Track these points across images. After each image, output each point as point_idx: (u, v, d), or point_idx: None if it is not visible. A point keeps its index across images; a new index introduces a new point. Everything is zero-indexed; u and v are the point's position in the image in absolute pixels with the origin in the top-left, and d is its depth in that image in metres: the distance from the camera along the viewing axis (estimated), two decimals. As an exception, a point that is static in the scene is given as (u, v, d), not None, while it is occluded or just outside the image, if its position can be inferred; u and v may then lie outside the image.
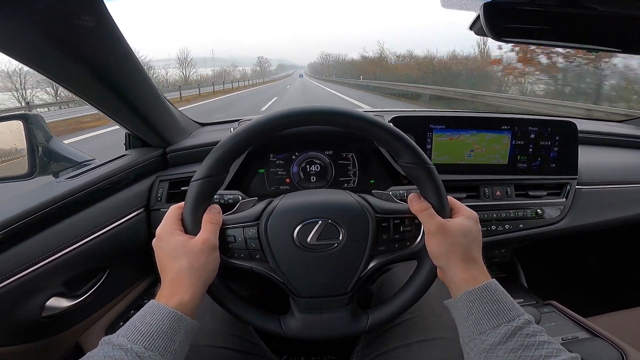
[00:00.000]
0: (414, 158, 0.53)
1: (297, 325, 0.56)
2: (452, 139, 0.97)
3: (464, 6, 0.57)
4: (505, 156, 0.98)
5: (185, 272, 0.49)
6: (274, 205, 0.57)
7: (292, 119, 0.53)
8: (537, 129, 0.97)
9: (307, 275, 0.55)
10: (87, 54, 0.66)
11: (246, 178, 0.99)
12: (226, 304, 0.56)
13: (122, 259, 0.87)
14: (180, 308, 0.46)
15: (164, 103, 0.97)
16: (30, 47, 0.59)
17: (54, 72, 0.67)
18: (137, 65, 0.78)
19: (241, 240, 0.55)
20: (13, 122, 0.86)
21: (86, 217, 0.77)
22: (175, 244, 0.50)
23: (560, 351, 0.41)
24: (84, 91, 0.76)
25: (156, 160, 1.01)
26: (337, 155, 1.01)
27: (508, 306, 0.45)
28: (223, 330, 0.68)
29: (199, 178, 0.52)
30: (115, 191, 0.86)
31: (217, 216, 0.54)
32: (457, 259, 0.50)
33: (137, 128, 0.96)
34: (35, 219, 0.67)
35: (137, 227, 0.90)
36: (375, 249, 0.56)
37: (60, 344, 0.77)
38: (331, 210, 0.56)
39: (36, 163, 0.86)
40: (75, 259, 0.73)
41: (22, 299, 0.65)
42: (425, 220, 0.53)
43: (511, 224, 0.99)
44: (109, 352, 0.41)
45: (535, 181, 1.02)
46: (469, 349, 0.46)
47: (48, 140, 0.89)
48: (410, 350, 0.63)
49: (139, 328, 0.43)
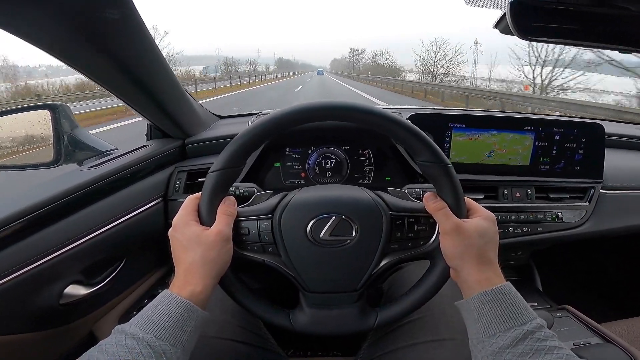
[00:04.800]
0: (432, 156, 0.52)
1: (306, 320, 0.56)
2: (471, 139, 0.95)
3: (489, 4, 0.56)
4: (527, 157, 0.96)
5: (198, 263, 0.49)
6: (289, 199, 0.57)
7: (310, 114, 0.53)
8: (562, 131, 0.94)
9: (318, 271, 0.56)
10: (113, 46, 0.67)
11: (262, 171, 1.00)
12: (237, 296, 0.57)
13: (138, 249, 0.88)
14: (192, 299, 0.47)
15: (185, 95, 0.99)
16: (57, 37, 0.60)
17: (80, 63, 0.69)
18: (159, 58, 0.79)
19: (255, 232, 0.56)
20: (41, 112, 0.89)
21: (107, 205, 0.79)
22: (190, 235, 0.51)
23: (571, 357, 0.41)
24: (109, 82, 0.77)
25: (175, 151, 1.03)
26: (353, 151, 1.00)
27: (521, 310, 0.45)
28: (232, 323, 0.69)
29: (216, 169, 0.53)
30: (135, 180, 0.88)
31: (231, 208, 0.55)
32: (472, 260, 0.49)
33: (158, 119, 0.98)
34: (59, 206, 0.69)
35: (154, 217, 0.91)
36: (388, 247, 0.56)
37: (75, 332, 0.78)
38: (345, 206, 0.56)
39: (61, 151, 0.89)
40: (95, 247, 0.74)
41: (41, 285, 0.66)
42: (441, 220, 0.52)
43: (530, 227, 0.96)
44: (122, 340, 0.41)
45: (558, 184, 0.99)
46: (477, 351, 0.46)
47: (73, 130, 0.92)
48: (418, 350, 0.63)
49: (152, 317, 0.44)
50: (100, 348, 0.41)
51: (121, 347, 0.40)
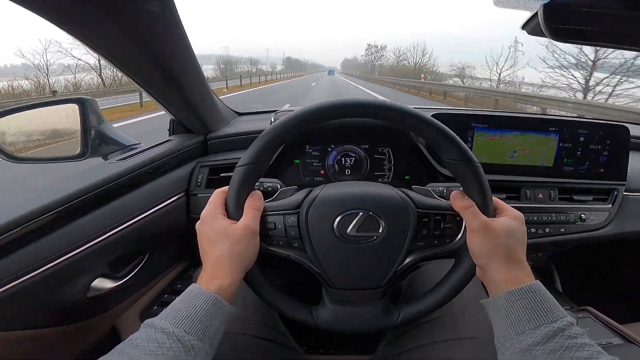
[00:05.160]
0: (460, 155, 0.52)
1: (329, 316, 0.57)
2: (493, 139, 0.94)
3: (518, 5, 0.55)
4: (550, 159, 0.95)
5: (226, 257, 0.49)
6: (315, 194, 0.57)
7: (339, 110, 0.53)
8: (587, 132, 0.93)
9: (343, 266, 0.56)
10: (152, 39, 0.67)
11: (282, 167, 1.00)
12: (260, 290, 0.57)
13: (161, 243, 0.89)
14: (219, 293, 0.47)
15: (210, 91, 1.00)
16: (99, 28, 0.60)
17: (117, 55, 0.69)
18: (191, 53, 0.79)
19: (281, 227, 0.56)
20: (69, 105, 0.91)
21: (134, 198, 0.80)
22: (218, 228, 0.51)
23: (601, 354, 0.41)
24: (141, 75, 0.78)
25: (197, 146, 1.04)
26: (373, 149, 1.00)
27: (551, 308, 0.45)
28: (253, 319, 0.69)
29: (244, 164, 0.53)
30: (159, 175, 0.89)
31: (259, 202, 0.55)
32: (500, 258, 0.49)
33: (183, 114, 0.99)
34: (89, 198, 0.70)
35: (177, 211, 0.91)
36: (414, 244, 0.56)
37: (98, 327, 0.79)
38: (372, 202, 0.56)
39: (88, 145, 0.91)
40: (121, 240, 0.74)
41: (70, 278, 0.67)
42: (469, 218, 0.52)
43: (552, 228, 0.95)
44: (152, 335, 0.41)
45: (581, 185, 0.98)
46: (504, 348, 0.46)
47: (100, 124, 0.94)
48: (438, 348, 0.63)
49: (181, 311, 0.44)
50: (130, 343, 0.41)
51: (151, 342, 0.40)
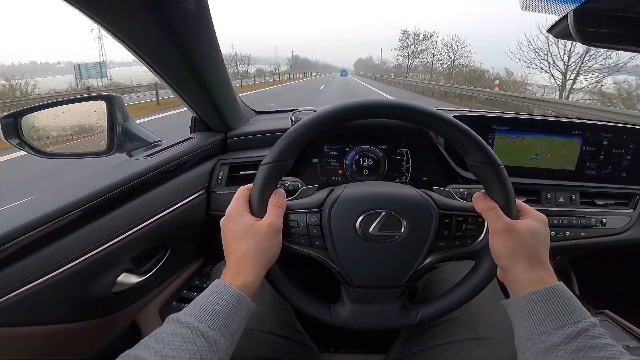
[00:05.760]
0: (485, 157, 0.53)
1: (347, 314, 0.57)
2: (514, 142, 0.93)
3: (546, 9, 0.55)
4: (573, 162, 0.94)
5: (250, 254, 0.50)
6: (338, 193, 0.58)
7: (363, 111, 0.53)
8: (611, 136, 0.92)
9: (364, 265, 0.56)
10: (184, 37, 0.68)
11: (300, 166, 1.01)
12: (280, 288, 0.57)
13: (182, 239, 0.90)
14: (243, 289, 0.48)
15: (232, 90, 1.01)
16: (134, 25, 0.62)
17: (151, 55, 0.70)
18: (218, 52, 0.80)
19: (303, 225, 0.56)
20: (97, 102, 0.94)
21: (158, 194, 0.81)
22: (244, 225, 0.52)
23: (623, 354, 0.41)
24: (169, 73, 0.79)
25: (218, 144, 1.05)
26: (391, 150, 1.00)
27: (575, 309, 0.45)
28: (270, 316, 0.69)
29: (269, 162, 0.54)
30: (182, 171, 0.91)
31: (282, 200, 0.56)
32: (523, 259, 0.49)
33: (205, 112, 1.01)
34: (116, 194, 0.71)
35: (197, 208, 0.93)
36: (435, 244, 0.56)
37: (120, 322, 0.80)
38: (395, 202, 0.56)
39: (114, 141, 0.93)
40: (145, 235, 0.76)
41: (97, 273, 0.68)
42: (492, 220, 0.52)
43: (572, 232, 0.95)
44: (177, 329, 0.42)
45: (604, 189, 0.97)
46: (525, 348, 0.46)
47: (125, 121, 0.96)
48: (455, 348, 0.63)
49: (206, 307, 0.45)
50: (155, 337, 0.42)
51: (176, 337, 0.41)
